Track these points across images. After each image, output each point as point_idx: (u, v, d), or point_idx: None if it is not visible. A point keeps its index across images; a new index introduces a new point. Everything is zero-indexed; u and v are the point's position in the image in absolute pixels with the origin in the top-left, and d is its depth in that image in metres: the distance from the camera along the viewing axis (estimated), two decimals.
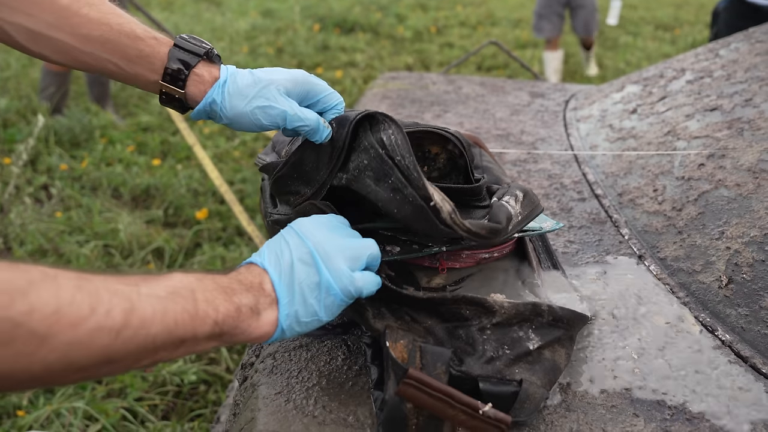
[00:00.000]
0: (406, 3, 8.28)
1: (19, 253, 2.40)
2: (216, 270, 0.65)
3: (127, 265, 2.48)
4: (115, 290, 0.54)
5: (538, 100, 1.86)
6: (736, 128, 1.22)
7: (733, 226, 1.01)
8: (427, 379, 0.64)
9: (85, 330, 0.51)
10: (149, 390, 1.93)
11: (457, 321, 0.72)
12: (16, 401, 1.81)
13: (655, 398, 0.77)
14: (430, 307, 0.72)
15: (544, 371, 0.71)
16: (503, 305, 0.71)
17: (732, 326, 0.88)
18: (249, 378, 0.82)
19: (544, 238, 0.99)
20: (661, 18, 7.92)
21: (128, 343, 0.53)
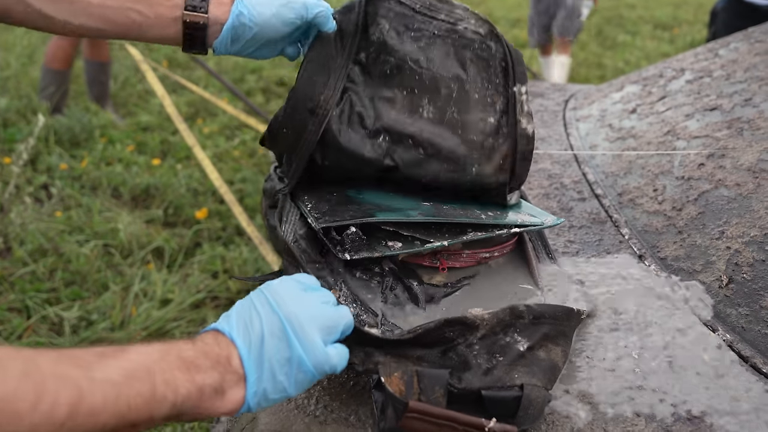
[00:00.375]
0: None
1: (19, 253, 2.40)
2: (181, 339, 0.61)
3: (127, 264, 2.48)
4: (64, 377, 0.51)
5: (537, 99, 1.87)
6: (735, 128, 1.22)
7: (733, 225, 1.01)
8: (429, 409, 0.64)
9: (28, 423, 0.48)
10: None
11: (444, 344, 0.71)
12: None
13: (656, 398, 0.77)
14: (414, 340, 0.71)
15: (542, 372, 0.71)
16: (483, 317, 0.70)
17: (732, 326, 0.88)
18: None
19: (542, 235, 0.99)
20: (659, 17, 7.93)
21: (76, 428, 0.51)
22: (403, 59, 0.89)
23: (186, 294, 2.33)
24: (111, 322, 2.16)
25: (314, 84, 0.88)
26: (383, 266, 0.88)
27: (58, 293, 2.27)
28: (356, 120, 0.88)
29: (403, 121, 0.88)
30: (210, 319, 2.25)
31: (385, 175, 0.91)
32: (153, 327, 2.17)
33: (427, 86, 0.89)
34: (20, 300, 2.20)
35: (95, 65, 3.70)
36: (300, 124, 0.89)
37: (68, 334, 2.09)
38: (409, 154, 0.89)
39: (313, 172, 0.93)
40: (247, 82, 4.74)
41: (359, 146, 0.88)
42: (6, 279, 2.30)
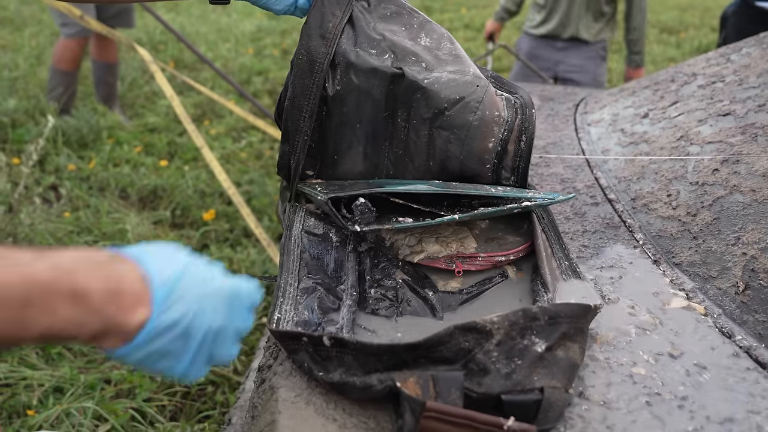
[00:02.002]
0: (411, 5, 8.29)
1: None
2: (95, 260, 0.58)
3: None
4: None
5: (548, 103, 1.87)
6: (749, 133, 1.22)
7: (749, 231, 1.01)
8: (446, 408, 0.64)
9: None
10: (157, 391, 1.93)
11: (464, 357, 0.71)
12: (26, 401, 1.81)
13: (675, 404, 0.77)
14: (431, 347, 0.70)
15: (562, 371, 0.71)
16: (493, 321, 0.70)
17: (750, 332, 0.88)
18: (267, 380, 0.82)
19: (559, 236, 0.99)
20: (665, 21, 7.92)
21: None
22: (402, 6, 1.06)
23: None
24: None
25: (323, 15, 1.00)
26: (396, 279, 0.88)
27: None
28: (364, 41, 1.00)
29: (406, 43, 1.00)
30: None
31: (392, 89, 0.98)
32: None
33: (423, 25, 1.05)
34: None
35: (103, 66, 3.71)
36: (314, 49, 0.99)
37: None
38: (413, 66, 0.99)
39: (322, 122, 1.02)
40: (254, 83, 4.75)
41: (369, 59, 0.98)
42: None
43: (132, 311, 0.57)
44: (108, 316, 0.56)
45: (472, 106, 0.95)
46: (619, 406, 0.76)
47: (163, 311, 0.59)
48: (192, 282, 0.61)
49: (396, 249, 0.94)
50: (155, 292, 0.58)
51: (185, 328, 0.60)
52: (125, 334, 0.57)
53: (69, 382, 1.88)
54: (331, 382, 0.73)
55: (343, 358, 0.73)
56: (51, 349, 2.01)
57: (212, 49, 5.51)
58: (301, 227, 0.96)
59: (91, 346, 0.57)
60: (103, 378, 1.94)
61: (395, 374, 0.69)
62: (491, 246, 0.95)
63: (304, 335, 0.75)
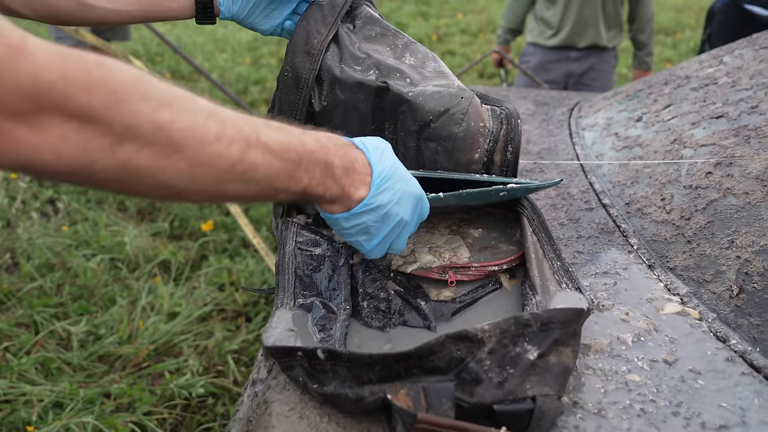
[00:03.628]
0: (406, 11, 8.31)
1: (26, 268, 2.41)
2: (335, 142, 0.75)
3: (134, 278, 2.49)
4: (239, 128, 0.62)
5: (542, 108, 1.87)
6: (742, 136, 1.22)
7: (743, 235, 1.01)
8: (437, 420, 0.64)
9: (210, 151, 0.59)
10: (157, 404, 1.93)
11: (456, 366, 0.70)
12: (26, 417, 1.81)
13: (670, 411, 0.76)
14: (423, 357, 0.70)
15: (554, 378, 0.71)
16: (485, 329, 0.70)
17: (744, 336, 0.88)
18: (260, 394, 0.82)
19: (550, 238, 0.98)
20: (662, 22, 7.94)
21: (240, 175, 0.63)
22: (387, 27, 1.08)
23: (193, 307, 2.33)
24: (119, 336, 2.16)
25: (309, 33, 1.01)
26: (388, 290, 0.88)
27: (66, 308, 2.28)
28: (349, 58, 1.01)
29: (391, 61, 1.01)
30: (217, 332, 2.25)
31: (378, 102, 0.99)
32: (160, 341, 2.17)
33: (407, 46, 1.06)
34: (28, 315, 2.20)
35: None
36: (298, 65, 1.00)
37: (76, 349, 2.09)
38: (398, 80, 1.00)
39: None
40: (251, 93, 4.76)
41: (354, 74, 0.99)
42: (14, 294, 2.30)
43: (358, 187, 0.75)
44: (343, 186, 0.74)
45: (457, 118, 0.95)
46: (614, 414, 0.76)
47: (376, 194, 0.76)
48: (398, 178, 0.78)
49: (389, 260, 0.94)
50: (374, 178, 0.76)
51: (386, 212, 0.77)
52: (348, 203, 0.75)
53: (68, 397, 1.88)
54: (325, 394, 0.72)
55: (337, 371, 0.73)
56: (50, 364, 2.00)
57: (209, 60, 5.52)
58: (294, 243, 0.96)
59: (322, 208, 0.77)
60: (103, 392, 1.94)
61: (386, 386, 0.68)
62: (484, 255, 0.95)
63: (299, 349, 0.75)
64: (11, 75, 0.47)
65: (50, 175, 0.54)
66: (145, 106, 0.54)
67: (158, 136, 0.56)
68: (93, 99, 0.51)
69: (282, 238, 0.97)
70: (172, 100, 0.57)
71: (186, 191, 0.61)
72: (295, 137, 0.69)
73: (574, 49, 3.05)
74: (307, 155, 0.69)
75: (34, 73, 0.48)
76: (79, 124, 0.51)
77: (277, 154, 0.66)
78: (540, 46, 3.11)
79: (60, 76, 0.50)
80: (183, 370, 2.09)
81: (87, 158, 0.53)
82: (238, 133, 0.62)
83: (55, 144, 0.51)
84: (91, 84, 0.51)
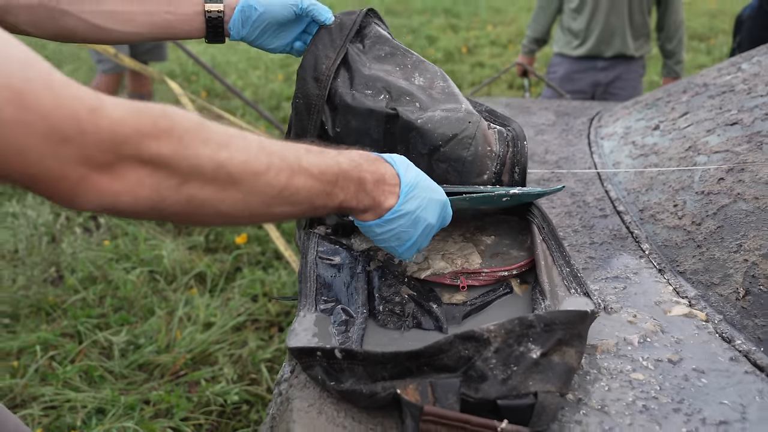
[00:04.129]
0: (436, 24, 8.38)
1: (70, 280, 2.53)
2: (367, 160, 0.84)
3: (171, 290, 2.58)
4: (284, 157, 0.72)
5: (563, 118, 1.90)
6: (755, 142, 1.24)
7: (751, 238, 1.03)
8: (443, 412, 0.68)
9: (262, 181, 0.69)
10: (194, 410, 2.01)
11: (464, 365, 0.75)
12: (71, 422, 1.90)
13: (672, 407, 0.80)
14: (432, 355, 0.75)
15: (557, 376, 0.75)
16: (490, 329, 0.74)
17: (749, 337, 0.91)
18: (284, 392, 0.87)
19: (560, 244, 1.01)
20: (695, 28, 7.85)
21: (286, 198, 0.72)
22: (396, 47, 1.11)
23: (227, 317, 2.41)
24: (157, 346, 2.25)
25: (317, 58, 1.04)
26: (402, 295, 0.93)
27: (108, 319, 2.38)
28: (360, 82, 1.04)
29: (401, 83, 1.04)
30: (251, 341, 2.32)
31: (389, 128, 1.02)
32: (197, 350, 2.25)
33: (416, 65, 1.09)
34: (72, 326, 2.31)
35: (138, 98, 3.86)
36: (309, 92, 1.04)
37: (117, 358, 2.18)
38: (408, 105, 1.02)
39: None
40: (284, 109, 4.87)
41: (365, 101, 1.02)
42: (59, 306, 2.42)
43: (388, 197, 0.83)
44: (374, 197, 0.82)
45: (465, 143, 0.99)
46: (617, 411, 0.79)
47: (404, 202, 0.84)
48: (423, 187, 0.86)
49: (404, 266, 0.99)
50: (402, 187, 0.83)
51: (415, 218, 0.85)
52: (379, 211, 0.84)
53: (110, 403, 1.97)
54: (341, 391, 0.78)
55: (353, 369, 0.78)
56: (93, 372, 2.10)
57: (243, 77, 5.66)
58: (315, 253, 1.01)
59: (356, 217, 0.86)
60: (143, 399, 2.02)
61: (397, 382, 0.73)
62: (495, 261, 1.00)
63: (318, 350, 0.80)
64: (93, 132, 0.55)
65: (128, 215, 0.62)
66: (206, 148, 0.63)
67: (218, 173, 0.64)
68: (161, 147, 0.59)
69: (304, 248, 1.03)
70: (228, 140, 0.66)
71: (240, 216, 0.70)
72: (332, 159, 0.78)
73: (601, 59, 3.06)
74: (342, 174, 0.78)
75: (112, 129, 0.56)
76: (152, 169, 0.60)
77: (317, 177, 0.75)
78: (566, 56, 3.14)
79: (133, 129, 0.57)
80: (218, 378, 2.16)
81: (159, 197, 0.61)
82: (283, 162, 0.71)
83: (133, 188, 0.59)
84: (159, 134, 0.59)
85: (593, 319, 0.85)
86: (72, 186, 0.56)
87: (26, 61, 0.52)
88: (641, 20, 3.00)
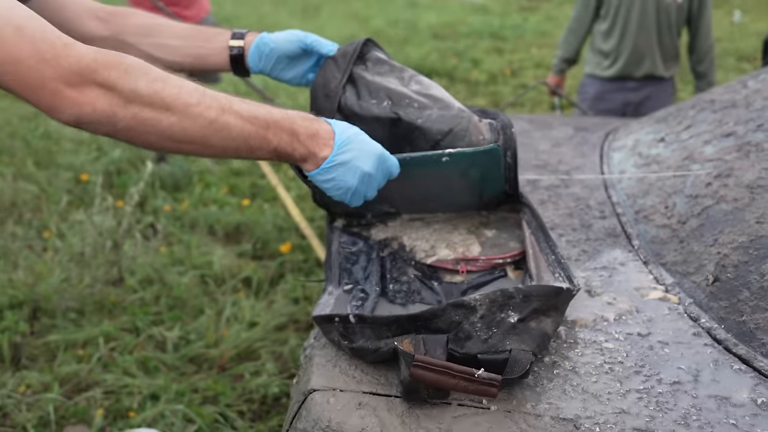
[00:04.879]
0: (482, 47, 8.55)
1: (130, 282, 2.77)
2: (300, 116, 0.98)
3: (220, 292, 2.79)
4: (216, 97, 0.89)
5: (581, 133, 2.03)
6: (744, 151, 1.36)
7: (726, 234, 1.15)
8: (431, 360, 0.84)
9: (192, 111, 0.87)
10: (238, 398, 2.19)
11: (455, 328, 0.91)
12: (128, 405, 2.12)
13: (633, 370, 0.93)
14: (428, 319, 0.91)
15: (532, 338, 0.90)
16: (477, 298, 0.89)
17: (712, 316, 1.03)
18: (308, 354, 1.04)
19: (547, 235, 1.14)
20: (744, 49, 7.79)
21: (217, 131, 0.89)
22: (394, 65, 1.26)
23: (270, 318, 2.60)
24: (206, 342, 2.45)
25: (326, 79, 1.20)
26: (410, 275, 1.09)
27: (162, 316, 2.60)
28: (365, 94, 1.19)
29: (400, 89, 1.19)
30: (292, 340, 2.51)
31: (393, 131, 1.16)
32: (242, 346, 2.44)
33: (412, 77, 1.24)
34: (131, 321, 2.54)
35: None
36: (321, 106, 1.19)
37: (171, 351, 2.40)
38: (408, 108, 1.17)
39: None
40: None
41: (371, 109, 1.17)
42: (120, 304, 2.65)
43: (323, 148, 0.97)
44: (308, 147, 0.96)
45: (461, 135, 1.15)
46: (586, 371, 0.93)
47: (338, 153, 0.97)
48: (359, 141, 0.99)
49: (414, 254, 1.15)
50: (336, 141, 0.97)
51: (350, 166, 0.98)
52: (317, 161, 0.97)
53: (163, 390, 2.17)
54: (353, 348, 0.94)
55: (363, 331, 0.95)
56: (149, 362, 2.31)
57: (292, 98, 5.94)
58: (338, 243, 1.19)
59: (302, 167, 1.00)
60: (192, 387, 2.22)
61: (397, 338, 0.89)
62: (493, 251, 1.15)
63: (336, 316, 0.97)
64: (64, 58, 0.80)
65: (94, 127, 0.84)
66: (145, 79, 0.84)
67: (153, 98, 0.85)
68: (111, 74, 0.82)
69: (329, 239, 1.20)
70: (166, 77, 0.87)
71: (182, 141, 0.88)
72: (265, 109, 0.94)
73: (631, 80, 3.17)
74: (273, 123, 0.93)
75: (78, 58, 0.81)
76: (105, 90, 0.82)
77: (247, 120, 0.91)
78: (597, 77, 3.25)
79: (93, 60, 0.82)
80: (261, 372, 2.35)
81: (111, 111, 0.83)
82: (214, 101, 0.89)
83: (92, 102, 0.82)
84: (110, 65, 0.82)
85: (570, 295, 0.99)
86: (50, 96, 0.80)
87: (30, 14, 0.81)
88: (670, 42, 3.10)
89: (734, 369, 0.93)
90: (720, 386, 0.90)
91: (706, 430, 0.83)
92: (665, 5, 3.05)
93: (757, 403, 0.87)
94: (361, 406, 0.88)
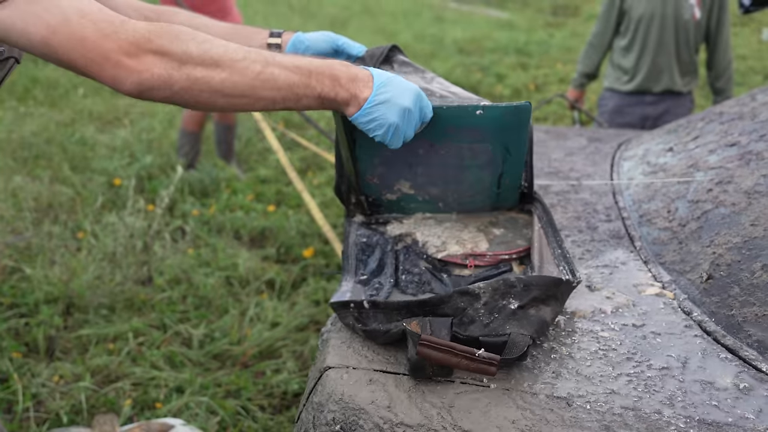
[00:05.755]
0: (507, 63, 8.62)
1: (159, 281, 2.88)
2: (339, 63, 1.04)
3: (244, 293, 2.90)
4: (259, 53, 0.99)
5: (594, 143, 2.10)
6: (745, 159, 1.42)
7: (722, 235, 1.22)
8: (435, 339, 0.92)
9: (239, 66, 0.96)
10: (259, 393, 2.28)
11: (460, 313, 0.99)
12: (155, 396, 2.22)
13: (625, 356, 1.00)
14: (436, 304, 0.99)
15: (530, 324, 0.97)
16: (481, 286, 0.97)
17: (704, 310, 1.09)
18: (325, 337, 1.13)
19: (555, 231, 1.21)
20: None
21: (265, 82, 0.97)
22: (417, 67, 1.33)
23: (292, 318, 2.70)
24: (230, 340, 2.55)
25: None
26: (421, 267, 1.18)
27: (189, 314, 2.71)
28: None
29: (423, 85, 1.25)
30: (312, 340, 2.59)
31: None
32: (264, 345, 2.54)
33: (434, 78, 1.30)
34: (159, 318, 2.65)
35: (223, 128, 4.29)
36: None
37: (196, 347, 2.50)
38: (430, 98, 1.20)
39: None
40: None
41: None
42: (149, 302, 2.77)
43: (363, 90, 1.02)
44: (350, 90, 1.02)
45: None
46: (581, 357, 1.00)
47: (379, 92, 1.02)
48: (397, 81, 1.04)
49: (426, 248, 1.23)
50: (375, 82, 1.03)
51: (391, 104, 1.02)
52: (359, 102, 1.02)
53: (188, 383, 2.27)
54: (365, 331, 1.03)
55: (376, 315, 1.03)
56: (175, 357, 2.42)
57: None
58: (355, 236, 1.28)
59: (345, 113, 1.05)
60: (215, 382, 2.32)
61: (404, 320, 0.98)
62: (500, 247, 1.23)
63: (351, 302, 1.06)
64: (122, 32, 0.92)
65: (153, 93, 0.94)
66: (193, 42, 0.95)
67: (204, 57, 0.94)
68: (164, 42, 0.93)
69: (346, 233, 1.29)
70: (212, 40, 0.96)
71: (233, 95, 0.97)
72: (305, 60, 1.01)
73: (650, 94, 3.23)
74: (315, 70, 1.00)
75: (134, 31, 0.93)
76: (160, 56, 0.93)
77: (291, 70, 0.98)
78: (616, 91, 3.32)
79: (147, 31, 0.93)
80: (281, 369, 2.44)
81: (167, 74, 0.93)
82: (258, 56, 0.98)
83: (150, 68, 0.92)
84: (162, 34, 0.93)
85: (570, 287, 1.07)
86: (113, 67, 0.91)
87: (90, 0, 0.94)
88: (688, 59, 3.16)
89: (721, 357, 0.99)
90: (706, 372, 0.96)
91: (689, 410, 0.89)
92: (684, 22, 3.10)
93: (739, 387, 0.93)
94: (372, 382, 0.96)
